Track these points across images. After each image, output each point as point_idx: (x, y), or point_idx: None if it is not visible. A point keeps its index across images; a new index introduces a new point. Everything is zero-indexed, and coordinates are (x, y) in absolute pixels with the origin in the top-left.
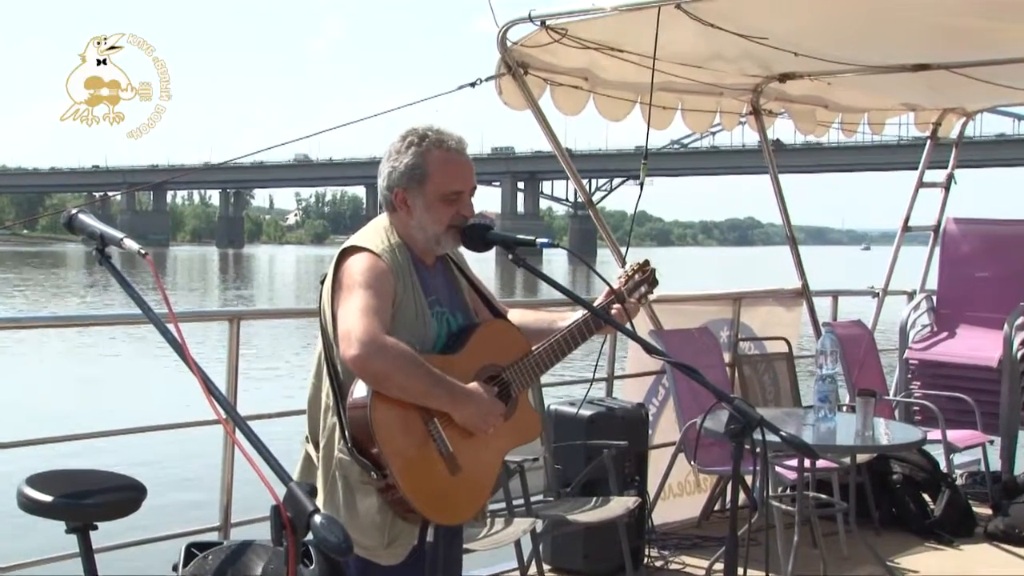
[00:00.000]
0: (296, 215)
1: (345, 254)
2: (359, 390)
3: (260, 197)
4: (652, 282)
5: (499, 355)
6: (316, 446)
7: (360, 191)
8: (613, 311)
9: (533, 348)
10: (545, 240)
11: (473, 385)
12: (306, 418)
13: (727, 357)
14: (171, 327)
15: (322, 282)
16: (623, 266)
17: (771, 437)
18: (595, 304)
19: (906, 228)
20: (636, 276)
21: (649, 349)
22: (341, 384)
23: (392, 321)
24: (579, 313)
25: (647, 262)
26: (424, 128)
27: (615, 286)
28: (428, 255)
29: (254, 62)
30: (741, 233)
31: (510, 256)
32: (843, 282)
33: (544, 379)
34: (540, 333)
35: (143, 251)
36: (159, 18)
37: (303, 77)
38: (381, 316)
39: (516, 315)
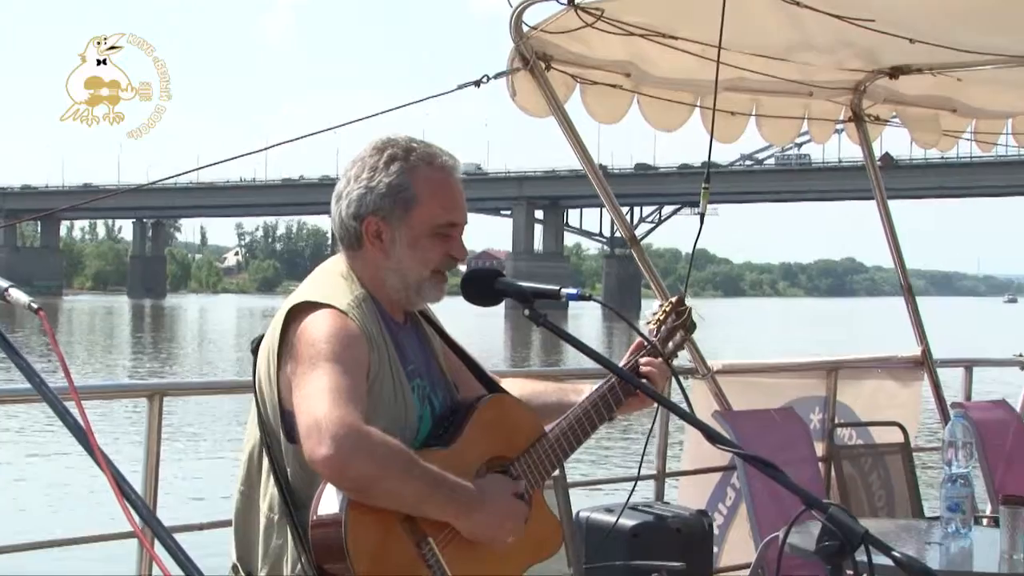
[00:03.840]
0: (237, 254)
1: (298, 313)
2: (328, 503)
3: (188, 230)
4: (689, 327)
5: (505, 443)
6: None
7: (323, 222)
8: (643, 369)
9: (546, 430)
10: (572, 291)
11: (484, 482)
12: (231, 538)
13: (820, 448)
14: (72, 406)
15: (254, 349)
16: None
17: (881, 559)
18: (620, 364)
19: None
20: (668, 320)
21: (713, 437)
22: (292, 492)
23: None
24: (599, 382)
25: (681, 300)
26: (406, 139)
27: (648, 335)
28: (398, 309)
29: (188, 53)
30: (836, 279)
31: (526, 311)
32: (980, 347)
33: (571, 476)
34: (547, 410)
35: (35, 304)
36: (159, 18)
37: (249, 75)
38: (358, 400)
39: (513, 387)
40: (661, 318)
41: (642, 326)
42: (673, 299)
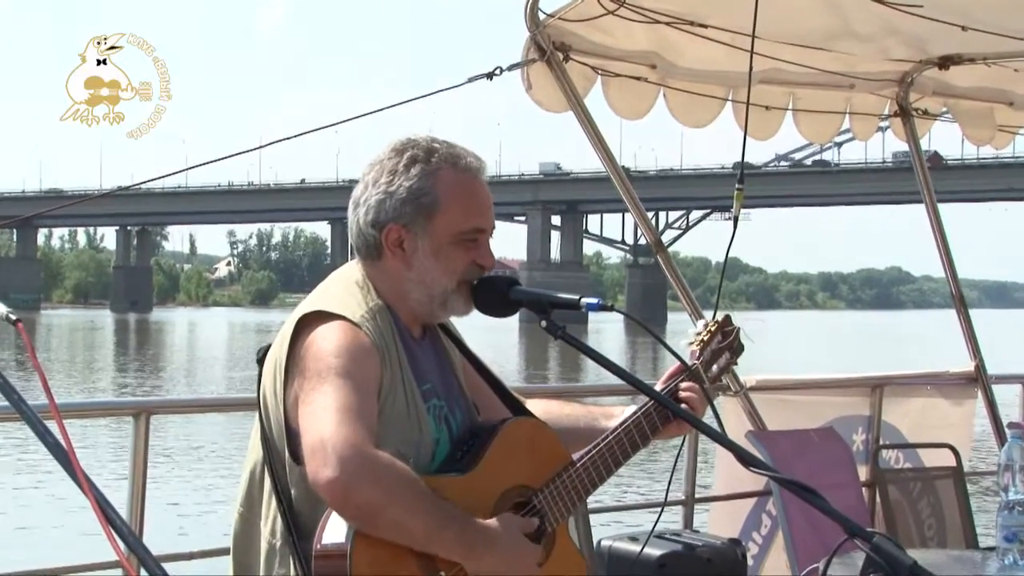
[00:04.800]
0: (229, 264)
1: (308, 323)
2: (333, 532)
3: (176, 238)
4: (736, 349)
5: (529, 472)
6: None
7: (322, 228)
8: (683, 394)
9: (574, 458)
10: (593, 300)
11: (495, 521)
12: (230, 562)
13: (863, 472)
14: (53, 426)
15: (260, 360)
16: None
17: None
18: (658, 388)
19: None
20: (714, 341)
21: (746, 459)
22: (296, 516)
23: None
24: (633, 406)
25: (728, 319)
26: (427, 140)
27: (688, 359)
28: (416, 323)
29: (180, 51)
30: (881, 290)
31: (543, 323)
32: None
33: (590, 501)
34: (576, 435)
35: (14, 316)
36: (159, 18)
37: (244, 71)
38: (367, 420)
39: (539, 410)
40: (705, 339)
41: (683, 346)
42: (719, 318)
